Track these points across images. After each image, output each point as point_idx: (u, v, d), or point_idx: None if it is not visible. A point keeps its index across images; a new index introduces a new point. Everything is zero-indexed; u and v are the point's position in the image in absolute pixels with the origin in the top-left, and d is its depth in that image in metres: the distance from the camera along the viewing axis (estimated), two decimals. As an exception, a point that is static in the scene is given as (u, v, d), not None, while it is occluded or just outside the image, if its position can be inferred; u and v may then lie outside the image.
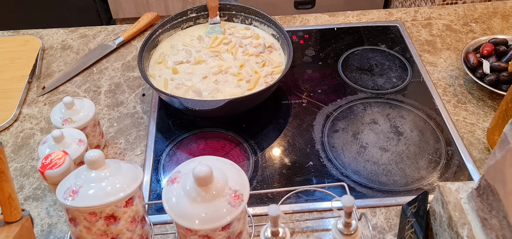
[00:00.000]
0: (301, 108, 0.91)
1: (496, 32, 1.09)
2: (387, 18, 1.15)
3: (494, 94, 0.91)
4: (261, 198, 0.75)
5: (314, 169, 0.79)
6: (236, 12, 1.04)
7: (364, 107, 0.91)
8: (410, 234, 0.63)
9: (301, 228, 0.71)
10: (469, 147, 0.82)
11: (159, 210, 0.74)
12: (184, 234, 0.56)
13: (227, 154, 0.82)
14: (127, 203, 0.56)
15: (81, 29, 1.15)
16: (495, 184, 0.51)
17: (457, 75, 0.98)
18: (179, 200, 0.54)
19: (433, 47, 1.06)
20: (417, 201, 0.63)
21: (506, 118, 0.74)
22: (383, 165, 0.80)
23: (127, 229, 0.57)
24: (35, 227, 0.72)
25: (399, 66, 1.01)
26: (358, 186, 0.77)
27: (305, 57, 1.04)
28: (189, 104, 0.78)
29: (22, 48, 1.08)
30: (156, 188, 0.78)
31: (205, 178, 0.52)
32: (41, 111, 0.93)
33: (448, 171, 0.79)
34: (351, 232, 0.59)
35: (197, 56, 0.96)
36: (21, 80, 0.99)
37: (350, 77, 0.99)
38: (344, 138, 0.85)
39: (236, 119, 0.89)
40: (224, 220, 0.53)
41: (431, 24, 1.13)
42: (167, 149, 0.84)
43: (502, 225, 0.50)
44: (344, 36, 1.10)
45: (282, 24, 1.12)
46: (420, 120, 0.88)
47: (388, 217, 0.72)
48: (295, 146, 0.84)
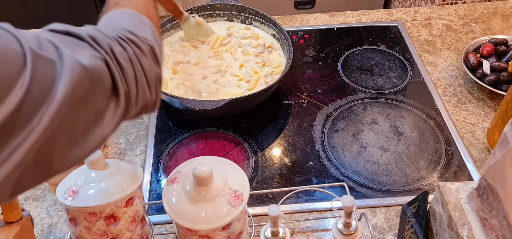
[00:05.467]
0: (301, 108, 0.91)
1: (496, 32, 1.09)
2: (387, 18, 1.15)
3: (494, 94, 0.91)
4: (261, 198, 0.75)
5: (314, 169, 0.79)
6: (236, 12, 1.04)
7: (364, 107, 0.91)
8: (410, 234, 0.63)
9: (301, 228, 0.71)
10: (469, 147, 0.82)
11: (159, 210, 0.74)
12: (184, 234, 0.56)
13: (227, 154, 0.82)
14: (127, 203, 0.56)
15: (81, 29, 1.15)
16: (495, 184, 0.51)
17: (457, 75, 0.97)
18: (179, 200, 0.54)
19: (433, 47, 1.06)
20: (417, 201, 0.63)
21: (506, 118, 0.74)
22: (383, 165, 0.80)
23: (127, 229, 0.57)
24: (35, 227, 0.72)
25: (399, 66, 1.01)
26: (358, 186, 0.77)
27: (305, 57, 1.04)
28: (189, 104, 0.78)
29: (22, 48, 1.08)
30: (156, 188, 0.78)
31: (205, 178, 0.52)
32: (41, 111, 0.93)
33: (448, 171, 0.79)
34: (351, 232, 0.59)
35: (197, 56, 0.96)
36: (21, 80, 0.99)
37: (350, 77, 0.99)
38: (344, 138, 0.85)
39: (236, 119, 0.89)
40: (224, 220, 0.53)
41: (431, 24, 1.13)
42: (167, 149, 0.84)
43: (502, 225, 0.50)
44: (344, 36, 1.10)
45: (282, 24, 1.12)
46: (420, 120, 0.88)
47: (388, 217, 0.72)
48: (295, 146, 0.84)
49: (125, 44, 0.45)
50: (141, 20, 0.52)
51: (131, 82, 0.44)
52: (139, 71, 0.45)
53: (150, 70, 0.47)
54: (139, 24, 0.51)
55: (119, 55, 0.43)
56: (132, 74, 0.44)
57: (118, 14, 0.52)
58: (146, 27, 0.51)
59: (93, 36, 0.42)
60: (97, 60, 0.40)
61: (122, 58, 0.43)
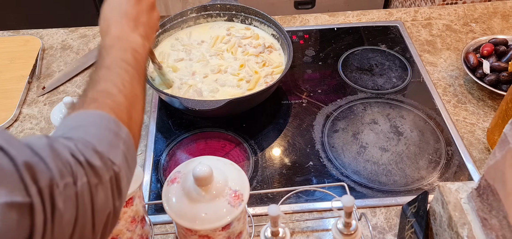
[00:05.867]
0: (301, 108, 0.91)
1: (496, 32, 1.09)
2: (387, 18, 1.15)
3: (494, 94, 0.91)
4: (261, 198, 0.75)
5: (314, 169, 0.79)
6: (236, 12, 1.04)
7: (364, 107, 0.91)
8: (410, 234, 0.63)
9: (301, 228, 0.71)
10: (469, 147, 0.82)
11: (159, 210, 0.74)
12: (184, 234, 0.56)
13: (227, 154, 0.82)
14: (127, 203, 0.56)
15: (81, 29, 1.15)
16: (495, 184, 0.51)
17: (457, 75, 0.97)
18: (179, 200, 0.54)
19: (433, 47, 1.06)
20: (417, 201, 0.63)
21: (506, 118, 0.74)
22: (383, 165, 0.80)
23: (127, 229, 0.57)
24: None
25: (399, 66, 1.01)
26: (358, 186, 0.77)
27: (305, 57, 1.04)
28: (189, 104, 0.78)
29: (22, 48, 1.08)
30: (156, 188, 0.78)
31: (205, 178, 0.52)
32: (41, 112, 0.93)
33: (448, 171, 0.79)
34: (351, 232, 0.59)
35: (196, 56, 0.96)
36: (21, 80, 0.99)
37: (350, 77, 0.99)
38: (344, 138, 0.85)
39: (236, 119, 0.89)
40: (224, 220, 0.53)
41: (431, 24, 1.13)
42: (167, 149, 0.84)
43: (502, 225, 0.50)
44: (344, 36, 1.10)
45: (282, 24, 1.12)
46: (420, 120, 0.88)
47: (388, 217, 0.72)
48: (295, 146, 0.84)
49: (79, 173, 0.36)
50: (116, 133, 0.43)
51: (64, 229, 0.35)
52: (85, 211, 0.36)
53: (102, 206, 0.38)
54: (112, 138, 0.42)
55: (59, 195, 0.34)
56: (70, 217, 0.35)
57: (91, 118, 0.43)
58: (119, 144, 0.42)
59: (30, 165, 0.33)
60: (12, 211, 0.31)
61: (63, 197, 0.34)
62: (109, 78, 0.48)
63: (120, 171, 0.41)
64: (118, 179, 0.40)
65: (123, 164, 0.42)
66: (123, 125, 0.44)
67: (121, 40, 0.55)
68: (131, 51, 0.54)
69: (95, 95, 0.46)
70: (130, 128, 0.45)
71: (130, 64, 0.52)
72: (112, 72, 0.49)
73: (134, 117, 0.48)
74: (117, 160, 0.41)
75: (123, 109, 0.46)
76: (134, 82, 0.50)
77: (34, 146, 0.35)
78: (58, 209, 0.34)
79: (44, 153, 0.35)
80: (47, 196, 0.33)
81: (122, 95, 0.47)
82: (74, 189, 0.36)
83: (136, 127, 0.48)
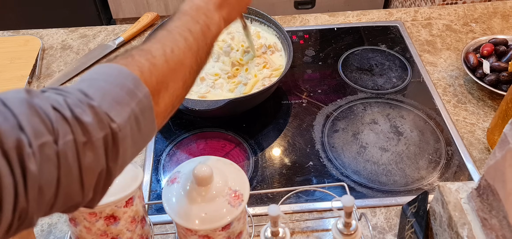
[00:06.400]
0: (301, 108, 0.91)
1: (496, 32, 1.09)
2: (387, 18, 1.15)
3: (494, 94, 0.91)
4: (261, 198, 0.75)
5: (314, 169, 0.79)
6: (236, 12, 1.04)
7: (364, 107, 0.91)
8: (410, 234, 0.63)
9: (301, 228, 0.71)
10: (469, 147, 0.82)
11: (159, 210, 0.74)
12: (184, 234, 0.56)
13: (227, 154, 0.82)
14: (127, 203, 0.56)
15: (81, 29, 1.15)
16: (495, 184, 0.51)
17: (457, 75, 0.98)
18: (179, 200, 0.54)
19: (433, 47, 1.06)
20: (417, 201, 0.63)
21: (506, 118, 0.74)
22: (383, 165, 0.80)
23: (127, 229, 0.57)
24: (35, 227, 0.72)
25: (399, 66, 1.01)
26: (358, 186, 0.77)
27: (305, 57, 1.04)
28: (189, 104, 0.78)
29: (22, 48, 1.08)
30: (156, 188, 0.78)
31: (205, 178, 0.52)
32: (41, 111, 0.93)
33: (448, 171, 0.79)
34: (351, 232, 0.59)
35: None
36: (21, 80, 0.99)
37: (350, 77, 0.99)
38: (344, 138, 0.85)
39: (236, 119, 0.89)
40: (224, 220, 0.53)
41: (431, 24, 1.13)
42: (167, 149, 0.84)
43: (502, 225, 0.50)
44: (344, 36, 1.10)
45: (282, 24, 1.12)
46: (420, 120, 0.88)
47: (388, 217, 0.72)
48: (295, 146, 0.84)
49: (62, 130, 0.33)
50: (131, 91, 0.39)
51: (44, 190, 0.33)
52: (70, 170, 0.34)
53: (91, 166, 0.35)
54: (120, 95, 0.38)
55: (30, 156, 0.31)
56: (50, 178, 0.33)
57: (107, 72, 0.40)
58: (129, 102, 0.38)
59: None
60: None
61: (36, 158, 0.32)
62: (163, 40, 0.45)
63: (120, 130, 0.37)
64: (116, 139, 0.37)
65: (128, 124, 0.38)
66: (144, 85, 0.40)
67: (199, 11, 0.51)
68: (202, 25, 0.50)
69: (134, 52, 0.43)
70: (157, 93, 0.42)
71: (194, 36, 0.48)
72: (170, 36, 0.46)
73: (169, 86, 0.44)
74: (118, 119, 0.37)
75: (154, 73, 0.42)
76: (188, 53, 0.46)
77: (7, 102, 0.32)
78: (30, 170, 0.31)
79: (17, 109, 0.32)
80: (14, 157, 0.31)
81: (164, 59, 0.44)
82: (55, 148, 0.33)
83: (169, 97, 0.44)
